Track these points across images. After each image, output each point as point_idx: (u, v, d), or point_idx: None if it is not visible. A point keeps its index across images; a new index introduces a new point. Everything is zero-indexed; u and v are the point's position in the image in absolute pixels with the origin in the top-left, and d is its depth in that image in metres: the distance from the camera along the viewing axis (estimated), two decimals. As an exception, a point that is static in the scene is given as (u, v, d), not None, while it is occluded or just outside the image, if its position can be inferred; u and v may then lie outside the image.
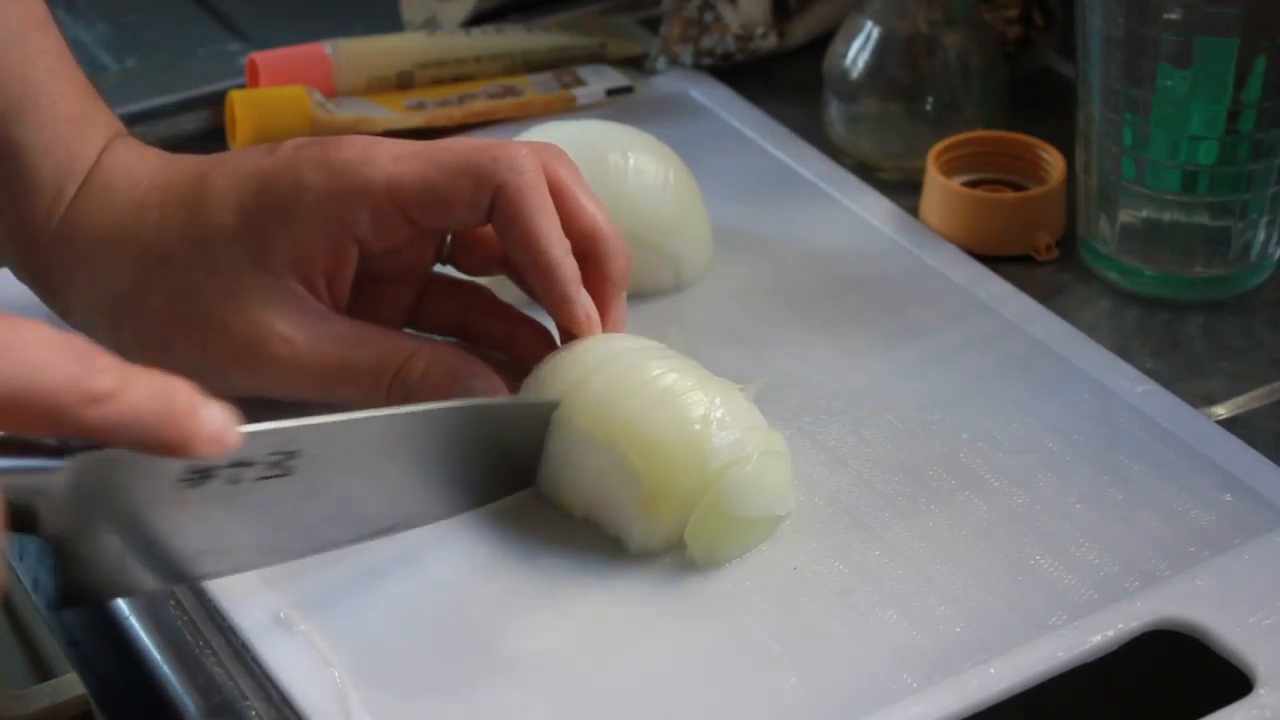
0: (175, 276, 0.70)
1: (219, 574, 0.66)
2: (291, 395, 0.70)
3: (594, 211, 0.71)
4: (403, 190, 0.69)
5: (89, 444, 0.57)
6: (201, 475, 0.60)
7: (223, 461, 0.61)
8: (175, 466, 0.60)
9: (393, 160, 0.70)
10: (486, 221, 0.70)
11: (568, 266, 0.70)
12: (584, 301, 0.71)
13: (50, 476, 0.57)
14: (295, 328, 0.69)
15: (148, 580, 0.63)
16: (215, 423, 0.56)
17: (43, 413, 0.52)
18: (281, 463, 0.62)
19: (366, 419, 0.65)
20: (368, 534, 0.67)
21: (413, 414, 0.66)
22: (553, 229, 0.70)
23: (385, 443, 0.66)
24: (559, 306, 0.71)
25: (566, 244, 0.70)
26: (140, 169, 0.73)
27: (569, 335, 0.72)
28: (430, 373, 0.70)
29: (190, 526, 0.62)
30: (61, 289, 0.73)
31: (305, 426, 0.63)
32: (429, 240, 0.74)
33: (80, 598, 0.62)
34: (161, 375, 0.55)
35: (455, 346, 0.72)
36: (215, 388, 0.70)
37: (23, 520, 0.57)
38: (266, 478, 0.62)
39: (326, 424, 0.63)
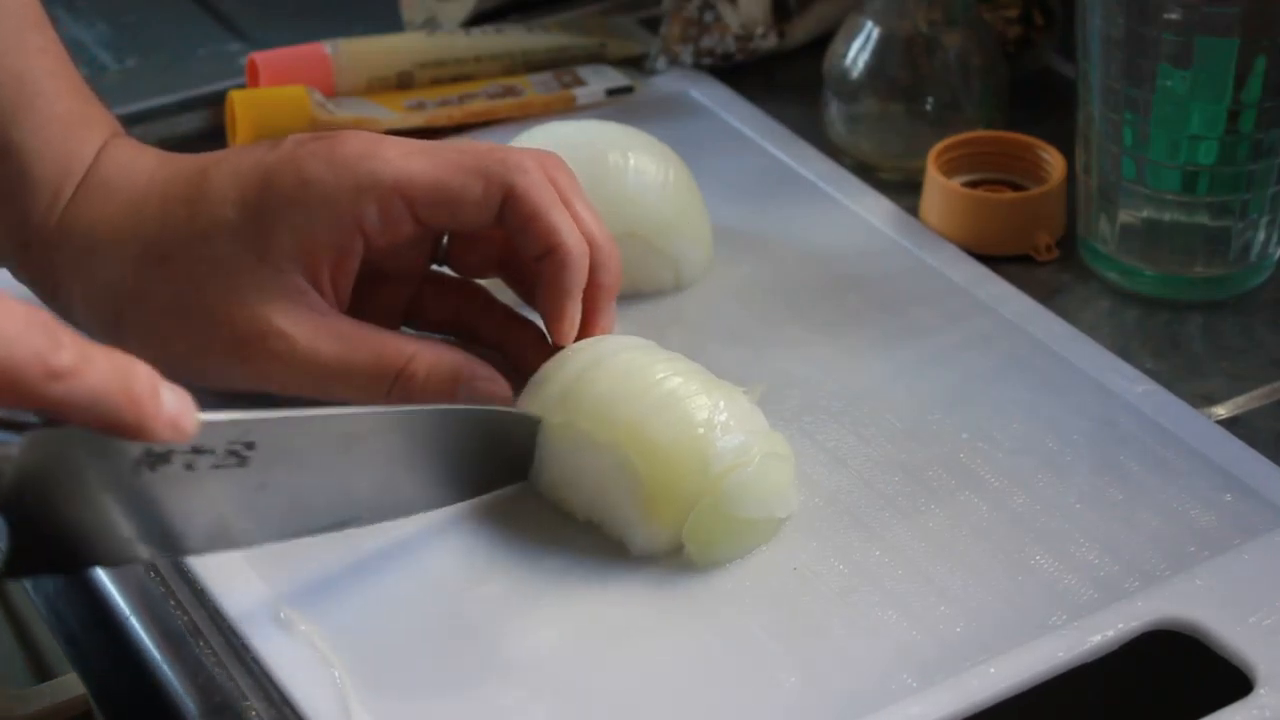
0: (177, 273, 0.70)
1: (172, 554, 0.66)
2: (291, 392, 0.70)
3: (591, 220, 0.72)
4: (412, 186, 0.69)
5: (47, 421, 0.57)
6: (158, 459, 0.60)
7: (180, 447, 0.60)
8: (133, 449, 0.59)
9: (401, 156, 0.70)
10: (492, 223, 0.70)
11: (584, 263, 0.70)
12: (572, 317, 0.71)
13: (5, 451, 0.57)
14: (295, 324, 0.69)
15: (100, 556, 0.63)
16: (173, 407, 0.56)
17: (5, 385, 0.52)
18: (238, 453, 0.62)
19: (327, 417, 0.65)
20: (321, 527, 0.67)
21: (374, 415, 0.66)
22: (569, 223, 0.70)
23: (344, 441, 0.65)
24: (552, 315, 0.71)
25: (582, 239, 0.70)
26: (138, 167, 0.73)
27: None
28: (432, 376, 0.70)
29: (145, 508, 0.62)
30: (61, 288, 0.73)
31: (263, 419, 0.62)
32: (427, 240, 0.74)
33: (26, 569, 0.62)
34: (122, 355, 0.55)
35: (456, 348, 0.72)
36: (215, 384, 0.70)
37: None
38: (222, 466, 0.62)
39: (284, 418, 0.63)
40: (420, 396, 0.70)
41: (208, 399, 0.59)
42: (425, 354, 0.70)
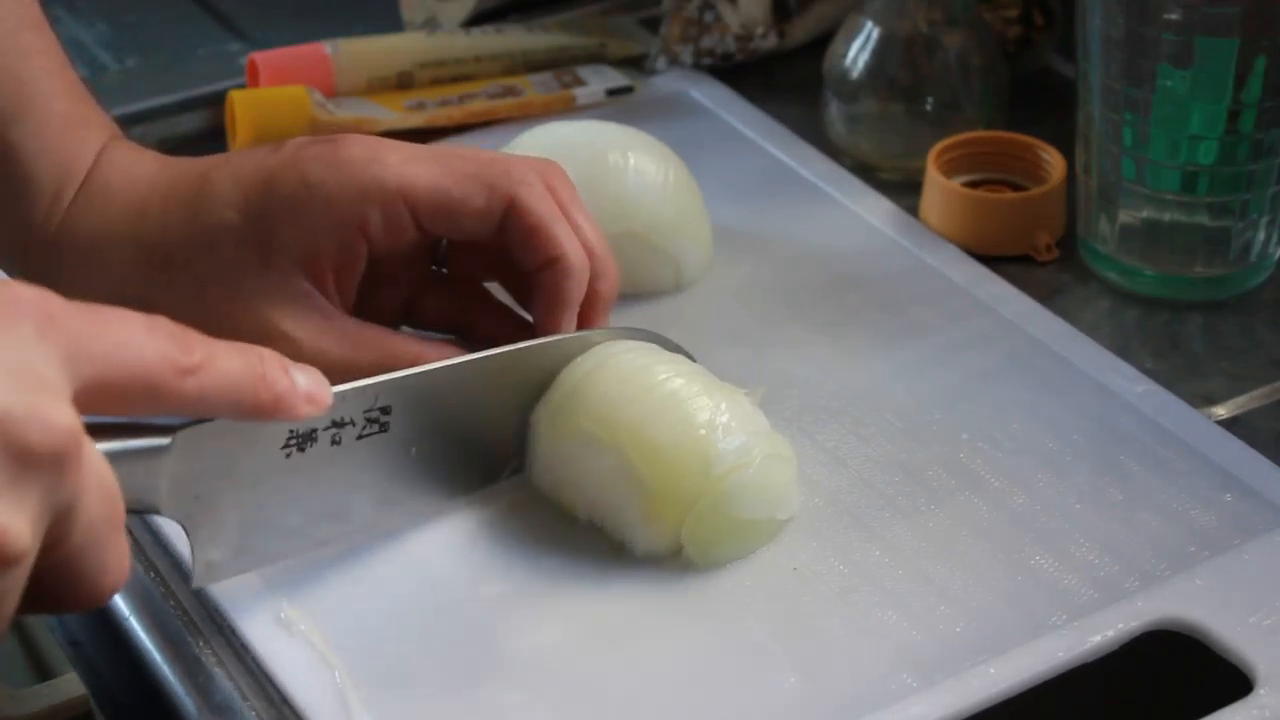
0: (179, 277, 0.70)
1: (343, 535, 0.68)
2: None
3: (589, 230, 0.72)
4: (415, 192, 0.69)
5: (193, 421, 0.59)
6: (304, 439, 0.63)
7: (321, 423, 0.63)
8: (279, 433, 0.62)
9: (404, 161, 0.70)
10: (492, 233, 0.70)
11: (585, 274, 0.71)
12: (570, 327, 0.71)
13: (161, 454, 0.59)
14: (300, 326, 0.69)
15: (276, 549, 0.65)
16: (307, 384, 0.58)
17: (142, 390, 0.53)
18: (377, 419, 0.65)
19: (454, 365, 0.68)
20: (476, 484, 0.70)
21: (502, 352, 0.69)
22: (571, 236, 0.70)
23: (476, 387, 0.68)
24: (550, 325, 0.71)
25: (583, 251, 0.71)
26: (138, 171, 0.73)
27: None
28: None
29: (304, 491, 0.64)
30: (62, 292, 0.73)
31: (390, 380, 0.66)
32: (427, 246, 0.74)
33: (217, 573, 0.64)
34: (247, 345, 0.57)
35: (459, 347, 0.72)
36: None
37: (145, 502, 0.60)
38: (366, 435, 0.65)
39: (410, 374, 0.66)
40: None
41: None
42: (431, 354, 0.70)
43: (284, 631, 0.65)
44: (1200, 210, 0.81)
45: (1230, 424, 0.76)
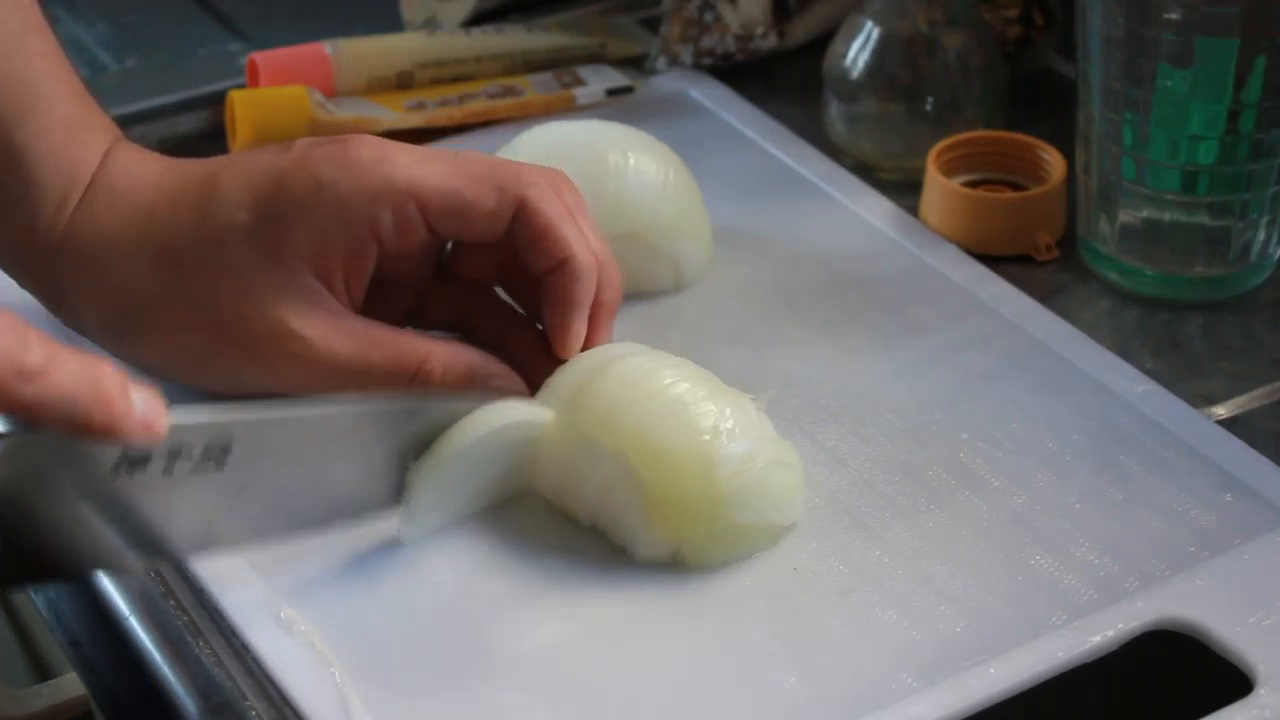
0: (189, 277, 0.70)
1: (158, 560, 0.66)
2: (304, 394, 0.70)
3: (595, 238, 0.72)
4: (425, 193, 0.69)
5: (20, 429, 0.56)
6: (135, 464, 0.60)
7: (156, 451, 0.60)
8: (109, 454, 0.59)
9: (414, 162, 0.70)
10: (501, 235, 0.70)
11: (594, 277, 0.70)
12: (578, 331, 0.71)
13: None
14: (310, 326, 0.69)
15: (86, 565, 0.63)
16: (144, 408, 0.56)
17: None
18: (215, 457, 0.62)
19: (304, 417, 0.64)
20: (308, 526, 0.67)
21: (353, 411, 0.66)
22: (580, 238, 0.70)
23: (324, 439, 0.65)
24: (559, 328, 0.71)
25: (592, 254, 0.71)
26: (144, 173, 0.73)
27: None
28: (448, 375, 0.70)
29: (127, 514, 0.61)
30: (68, 295, 0.73)
31: (239, 421, 0.62)
32: (435, 247, 0.74)
33: (14, 580, 0.62)
34: (90, 356, 0.55)
35: (471, 347, 0.72)
36: (227, 388, 0.71)
37: None
38: (200, 471, 0.62)
39: (261, 420, 0.63)
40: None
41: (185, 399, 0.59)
42: (441, 353, 0.70)
43: (284, 631, 0.65)
44: (1200, 210, 0.81)
45: (1230, 424, 0.76)
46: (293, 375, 0.70)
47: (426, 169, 0.70)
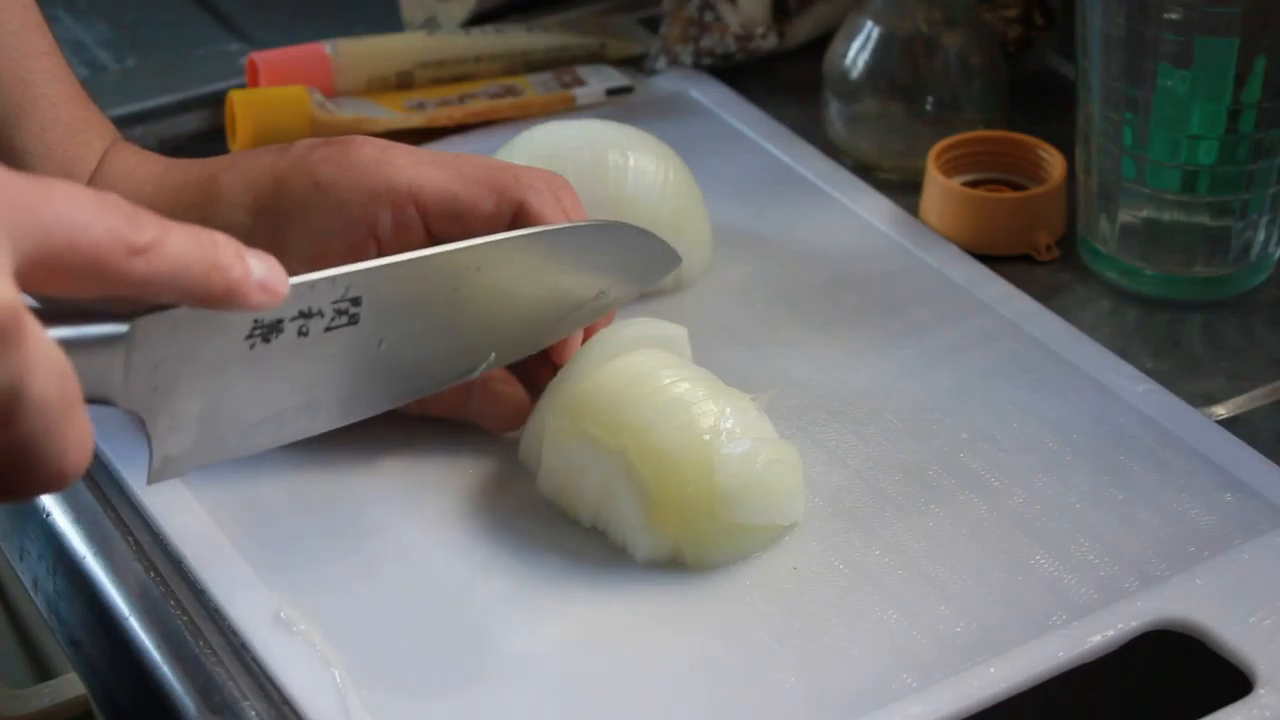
0: None
1: (305, 433, 0.66)
2: None
3: None
4: (425, 194, 0.69)
5: (150, 308, 0.56)
6: (269, 330, 0.60)
7: (288, 313, 0.60)
8: (241, 322, 0.59)
9: (414, 164, 0.70)
10: None
11: None
12: (574, 338, 0.72)
13: (118, 343, 0.56)
14: None
15: (235, 444, 0.63)
16: (261, 271, 0.55)
17: (86, 268, 0.51)
18: (347, 310, 0.62)
19: (427, 257, 0.65)
20: (449, 378, 0.67)
21: (481, 246, 0.67)
22: None
23: (452, 280, 0.66)
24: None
25: None
26: (143, 174, 0.73)
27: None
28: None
29: (267, 384, 0.61)
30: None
31: (361, 270, 0.63)
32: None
33: (174, 468, 0.62)
34: (202, 228, 0.54)
35: None
36: None
37: (100, 392, 0.57)
38: (335, 327, 0.62)
39: (383, 266, 0.64)
40: (433, 398, 0.70)
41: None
42: None
43: (284, 631, 0.65)
44: (1200, 210, 0.81)
45: (1230, 424, 0.76)
46: None
47: (426, 171, 0.70)
